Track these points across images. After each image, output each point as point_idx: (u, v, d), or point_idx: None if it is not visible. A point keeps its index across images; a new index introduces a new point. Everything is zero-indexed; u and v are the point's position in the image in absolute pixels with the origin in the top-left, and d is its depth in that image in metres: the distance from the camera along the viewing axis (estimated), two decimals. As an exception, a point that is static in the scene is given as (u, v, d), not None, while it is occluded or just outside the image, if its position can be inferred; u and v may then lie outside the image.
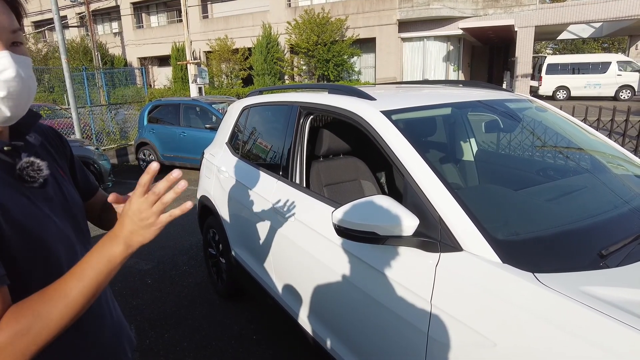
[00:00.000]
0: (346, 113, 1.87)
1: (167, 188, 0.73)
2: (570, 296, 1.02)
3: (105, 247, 0.73)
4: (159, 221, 0.74)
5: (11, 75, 0.72)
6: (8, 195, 0.73)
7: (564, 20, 17.00)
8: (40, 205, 0.80)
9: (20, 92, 0.74)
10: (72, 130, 8.25)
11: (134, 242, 0.74)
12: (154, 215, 0.73)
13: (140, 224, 0.73)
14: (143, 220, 0.73)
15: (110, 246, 0.73)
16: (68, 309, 0.68)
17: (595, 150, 2.10)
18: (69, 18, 25.91)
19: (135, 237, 0.74)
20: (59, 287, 0.69)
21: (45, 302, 0.67)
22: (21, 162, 0.78)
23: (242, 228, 2.64)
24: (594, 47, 39.63)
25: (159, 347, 2.66)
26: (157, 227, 0.74)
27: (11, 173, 0.77)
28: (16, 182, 0.77)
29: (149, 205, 0.73)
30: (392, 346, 1.44)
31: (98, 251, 0.73)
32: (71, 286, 0.69)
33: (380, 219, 1.33)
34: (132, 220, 0.73)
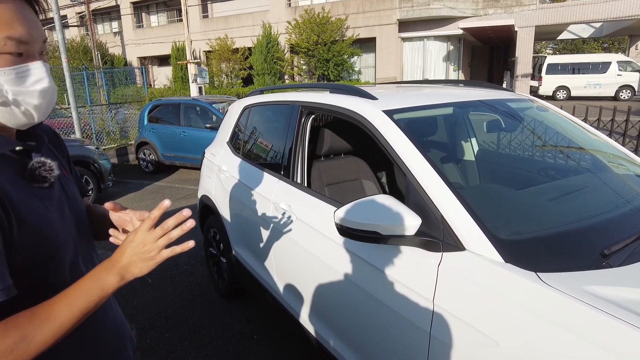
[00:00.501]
0: (348, 112, 1.87)
1: (175, 225, 0.75)
2: (573, 295, 1.02)
3: (101, 275, 0.74)
4: (159, 256, 0.76)
5: (46, 85, 0.75)
6: (20, 196, 0.73)
7: (564, 20, 17.01)
8: (49, 206, 0.80)
9: (50, 99, 0.78)
10: (72, 130, 8.25)
11: (129, 274, 0.76)
12: (157, 249, 0.75)
13: (141, 256, 0.75)
14: (144, 253, 0.75)
15: (106, 275, 0.74)
16: (53, 332, 0.69)
17: (596, 149, 2.10)
18: (69, 17, 25.91)
19: (131, 269, 0.75)
20: (48, 309, 0.69)
21: (32, 324, 0.67)
22: (33, 162, 0.78)
23: (243, 227, 2.63)
24: (594, 47, 39.64)
25: (159, 347, 2.66)
26: (156, 261, 0.76)
27: (21, 173, 0.77)
28: (25, 182, 0.77)
29: (154, 238, 0.75)
30: (394, 345, 1.44)
31: (93, 278, 0.74)
32: (60, 311, 0.70)
33: (382, 218, 1.33)
34: (134, 252, 0.75)
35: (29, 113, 0.75)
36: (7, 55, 0.70)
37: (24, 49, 0.72)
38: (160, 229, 0.75)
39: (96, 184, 5.81)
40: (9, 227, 0.69)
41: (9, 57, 0.70)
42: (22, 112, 0.74)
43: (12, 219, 0.69)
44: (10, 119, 0.74)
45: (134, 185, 7.20)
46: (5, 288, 0.66)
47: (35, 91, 0.74)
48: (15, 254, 0.70)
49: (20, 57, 0.72)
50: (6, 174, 0.73)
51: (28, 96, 0.73)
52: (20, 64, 0.72)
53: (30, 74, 0.73)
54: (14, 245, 0.70)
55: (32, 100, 0.74)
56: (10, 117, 0.74)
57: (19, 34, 0.70)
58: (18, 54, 0.71)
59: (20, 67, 0.72)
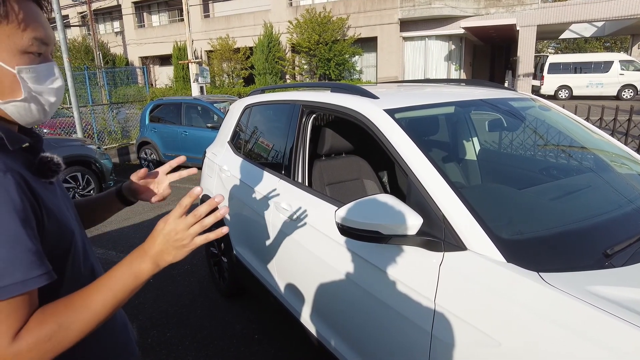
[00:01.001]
0: (349, 112, 1.86)
1: (207, 211, 0.77)
2: (576, 295, 1.01)
3: (133, 263, 0.75)
4: (192, 243, 0.76)
5: (60, 84, 0.80)
6: (40, 189, 0.75)
7: (566, 20, 16.96)
8: (59, 200, 0.82)
9: (61, 98, 0.82)
10: (73, 129, 8.26)
11: (163, 261, 0.77)
12: (190, 237, 0.76)
13: (174, 244, 0.76)
14: (178, 241, 0.76)
15: (139, 263, 0.75)
16: (90, 320, 0.70)
17: (599, 149, 2.09)
18: (71, 17, 25.94)
19: (165, 256, 0.76)
20: (84, 297, 0.71)
21: (69, 311, 0.69)
22: (41, 157, 0.81)
23: (244, 227, 2.63)
24: (596, 46, 39.54)
25: (161, 346, 2.66)
26: (189, 248, 0.77)
27: (30, 168, 0.78)
28: (35, 177, 0.78)
29: (186, 226, 0.76)
30: (395, 345, 1.44)
31: (126, 266, 0.75)
32: (96, 298, 0.71)
33: (383, 218, 1.32)
34: (166, 239, 0.76)
35: (44, 110, 0.78)
36: (31, 55, 0.74)
37: (44, 49, 0.76)
38: (192, 216, 0.76)
39: (97, 183, 5.82)
40: (41, 217, 0.71)
41: (32, 57, 0.74)
42: (38, 109, 0.77)
43: (42, 209, 0.72)
44: (25, 115, 0.76)
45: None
46: (48, 272, 0.68)
47: (53, 89, 0.78)
48: (46, 243, 0.72)
49: (39, 57, 0.76)
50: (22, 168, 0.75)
51: (46, 94, 0.77)
52: (38, 63, 0.75)
53: (48, 74, 0.77)
54: (45, 236, 0.72)
55: (50, 98, 0.78)
56: (26, 114, 0.76)
57: (43, 35, 0.74)
58: (38, 54, 0.75)
59: (41, 66, 0.76)
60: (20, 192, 0.67)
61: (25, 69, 0.72)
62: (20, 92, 0.73)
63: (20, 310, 0.65)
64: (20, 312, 0.65)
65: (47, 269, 0.68)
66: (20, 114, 0.76)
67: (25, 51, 0.72)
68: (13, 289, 0.63)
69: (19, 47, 0.71)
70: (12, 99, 0.73)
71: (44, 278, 0.67)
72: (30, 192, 0.70)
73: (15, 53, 0.71)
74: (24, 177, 0.70)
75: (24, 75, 0.73)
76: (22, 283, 0.64)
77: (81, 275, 0.85)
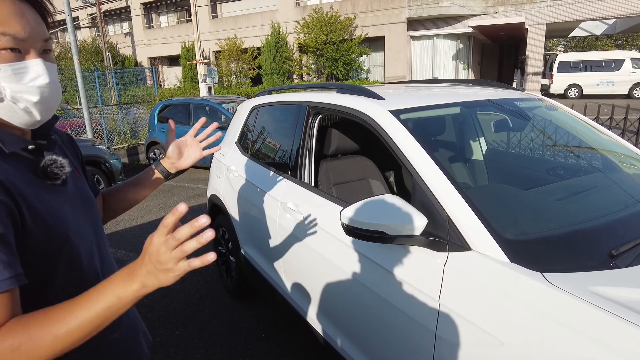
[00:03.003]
0: (355, 113, 1.87)
1: (189, 235, 0.65)
2: (579, 296, 1.02)
3: (119, 283, 0.69)
4: (177, 268, 0.66)
5: (45, 81, 0.76)
6: (32, 191, 0.75)
7: (575, 17, 16.77)
8: (61, 202, 0.82)
9: (50, 97, 0.79)
10: (83, 130, 8.37)
11: (150, 284, 0.68)
12: (172, 261, 0.66)
13: (158, 266, 0.67)
14: (161, 264, 0.66)
15: (125, 284, 0.68)
16: (64, 336, 0.66)
17: (606, 149, 2.08)
18: (81, 19, 26.22)
19: (151, 279, 0.68)
20: (63, 311, 0.67)
21: (43, 324, 0.65)
22: (45, 160, 0.81)
23: (251, 227, 2.66)
24: (607, 44, 39.01)
25: (169, 344, 2.70)
26: (175, 274, 0.67)
27: (34, 171, 0.79)
28: (39, 179, 0.80)
29: (168, 249, 0.66)
30: (400, 345, 1.45)
31: (111, 287, 0.69)
32: (75, 315, 0.66)
33: (388, 218, 1.33)
34: (151, 261, 0.67)
35: (29, 111, 0.76)
36: (3, 52, 0.71)
37: (20, 45, 0.73)
38: (172, 238, 0.65)
39: (107, 183, 5.90)
40: (20, 220, 0.71)
41: (5, 54, 0.72)
42: (22, 109, 0.75)
43: (24, 212, 0.71)
44: (12, 116, 0.75)
45: (144, 184, 7.27)
46: (15, 275, 0.66)
47: (34, 87, 0.75)
48: (28, 245, 0.72)
49: (18, 54, 0.73)
50: (19, 170, 0.76)
51: (26, 93, 0.74)
52: (17, 61, 0.73)
53: (28, 71, 0.74)
54: (28, 237, 0.72)
55: (31, 97, 0.75)
56: (12, 114, 0.75)
57: (14, 30, 0.72)
58: (16, 50, 0.73)
59: (17, 64, 0.73)
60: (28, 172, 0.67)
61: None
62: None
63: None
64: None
65: (13, 273, 0.65)
66: (6, 115, 0.75)
67: None
68: None
69: None
70: None
71: (8, 283, 0.65)
72: (10, 195, 0.69)
73: None
74: (3, 180, 0.69)
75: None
76: None
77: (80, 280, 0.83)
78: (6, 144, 0.74)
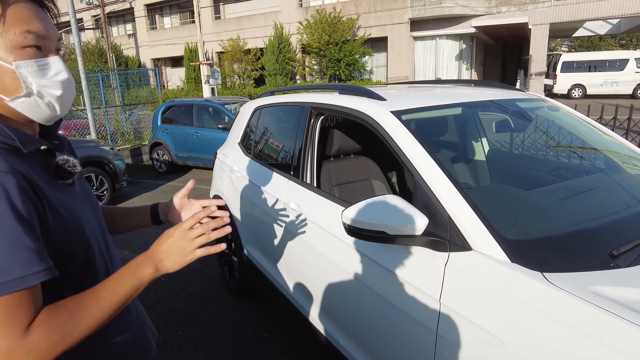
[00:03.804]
0: (356, 113, 1.88)
1: (216, 226, 0.86)
2: (579, 296, 1.02)
3: (138, 266, 0.81)
4: (194, 254, 0.83)
5: (65, 77, 0.81)
6: (50, 190, 0.77)
7: (579, 17, 16.70)
8: (74, 202, 0.85)
9: (70, 92, 0.83)
10: (87, 131, 8.41)
11: (163, 267, 0.82)
12: (193, 247, 0.83)
13: (177, 250, 0.83)
14: (182, 249, 0.83)
15: (143, 267, 0.81)
16: (98, 315, 0.74)
17: (608, 149, 2.08)
18: (85, 21, 26.35)
19: (166, 262, 0.82)
20: (92, 294, 0.75)
21: (78, 306, 0.73)
22: (57, 159, 0.83)
23: (253, 227, 2.67)
24: (611, 44, 38.83)
25: (172, 344, 2.71)
26: (189, 258, 0.84)
27: (47, 171, 0.81)
28: (52, 179, 0.82)
29: (193, 236, 0.83)
30: (401, 344, 1.46)
31: (131, 269, 0.80)
32: (103, 296, 0.76)
33: (389, 218, 1.34)
34: (172, 245, 0.83)
35: (52, 105, 0.79)
36: (27, 49, 0.75)
37: (42, 43, 0.77)
38: (202, 227, 0.83)
39: (111, 184, 5.93)
40: (45, 217, 0.74)
41: (30, 51, 0.75)
42: (46, 104, 0.78)
43: (46, 210, 0.74)
44: (34, 111, 0.78)
45: (147, 185, 7.31)
46: (48, 268, 0.70)
47: (57, 82, 0.79)
48: (51, 244, 0.74)
49: (40, 52, 0.77)
50: (36, 170, 0.78)
51: (50, 87, 0.78)
52: (40, 58, 0.77)
53: (50, 67, 0.78)
54: (51, 235, 0.74)
55: (55, 92, 0.79)
56: (35, 109, 0.78)
57: (37, 28, 0.76)
58: (37, 47, 0.76)
59: (42, 60, 0.77)
60: (20, 192, 0.69)
61: (23, 63, 0.74)
62: (22, 88, 0.75)
63: (28, 304, 0.68)
64: (28, 306, 0.68)
65: (46, 266, 0.70)
66: (30, 110, 0.77)
67: (21, 46, 0.74)
68: (13, 284, 0.65)
69: (13, 43, 0.73)
70: (16, 95, 0.75)
71: (44, 274, 0.69)
72: (36, 193, 0.72)
73: (11, 49, 0.73)
74: (28, 178, 0.72)
75: (23, 70, 0.74)
76: (22, 279, 0.66)
77: (96, 273, 0.87)
78: (25, 144, 0.76)
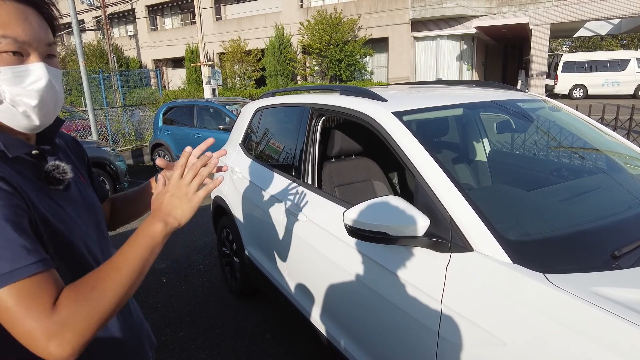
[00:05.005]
0: (357, 114, 1.89)
1: (203, 164, 0.84)
2: (580, 296, 1.02)
3: (146, 228, 0.79)
4: (196, 196, 0.82)
5: (43, 85, 0.75)
6: (37, 195, 0.76)
7: (580, 17, 16.68)
8: (66, 208, 0.83)
9: (50, 101, 0.78)
10: (89, 132, 8.43)
11: (173, 219, 0.81)
12: (192, 190, 0.82)
13: (181, 199, 0.82)
14: (184, 196, 0.82)
15: (151, 225, 0.80)
16: (121, 282, 0.73)
17: (610, 150, 2.08)
18: (86, 22, 26.40)
19: (174, 213, 0.81)
20: (109, 265, 0.74)
21: (99, 278, 0.72)
22: (47, 165, 0.82)
23: (255, 228, 2.67)
24: (613, 44, 38.77)
25: (174, 345, 2.71)
26: (194, 202, 0.82)
27: (38, 175, 0.80)
28: (43, 184, 0.80)
29: (187, 182, 0.83)
30: (403, 345, 1.46)
31: (140, 231, 0.79)
32: (120, 262, 0.74)
33: (391, 219, 1.34)
34: (172, 198, 0.82)
35: (29, 115, 0.75)
36: (4, 55, 0.71)
37: (21, 48, 0.72)
38: (190, 170, 0.83)
39: (112, 184, 5.93)
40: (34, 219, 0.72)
41: (7, 57, 0.71)
42: (22, 113, 0.74)
43: (33, 215, 0.72)
44: (12, 119, 0.75)
45: (149, 186, 7.30)
46: (43, 259, 0.68)
47: (33, 91, 0.74)
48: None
49: (19, 58, 0.73)
50: (25, 175, 0.76)
51: (26, 96, 0.73)
52: (18, 64, 0.73)
53: (29, 75, 0.74)
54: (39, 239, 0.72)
55: (30, 101, 0.74)
56: (13, 118, 0.75)
57: (15, 33, 0.71)
58: (17, 54, 0.72)
59: (18, 67, 0.73)
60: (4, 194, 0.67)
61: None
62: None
63: (48, 285, 0.66)
64: (48, 287, 0.66)
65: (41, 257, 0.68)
66: (7, 118, 0.74)
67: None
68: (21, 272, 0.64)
69: None
70: None
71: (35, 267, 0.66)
72: (22, 197, 0.70)
73: None
74: (11, 182, 0.70)
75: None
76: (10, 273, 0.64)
77: None
78: (9, 148, 0.74)
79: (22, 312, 0.63)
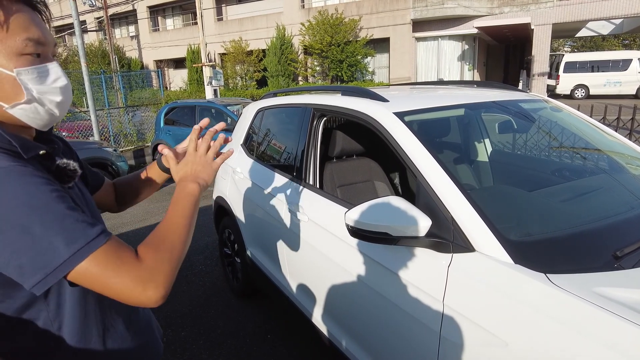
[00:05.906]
0: (359, 115, 1.89)
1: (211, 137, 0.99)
2: (582, 297, 1.02)
3: (182, 190, 0.90)
4: (215, 163, 0.98)
5: (64, 82, 0.82)
6: None
7: (582, 17, 16.66)
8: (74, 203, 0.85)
9: (68, 97, 0.84)
10: (90, 132, 8.46)
11: (202, 180, 0.94)
12: (209, 159, 0.97)
13: (203, 166, 0.96)
14: (202, 164, 0.96)
15: (186, 187, 0.91)
16: (182, 232, 0.83)
17: (611, 150, 2.07)
18: (88, 23, 26.46)
19: (202, 176, 0.94)
20: (165, 224, 0.83)
21: (162, 234, 0.81)
22: (58, 163, 0.84)
23: (256, 228, 2.67)
24: (614, 44, 38.68)
25: (175, 345, 2.72)
26: (215, 167, 0.98)
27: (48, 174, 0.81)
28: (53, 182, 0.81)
29: (203, 152, 0.97)
30: (405, 346, 1.46)
31: (179, 195, 0.89)
32: (176, 219, 0.84)
33: (392, 219, 1.34)
34: (194, 164, 0.96)
35: (52, 111, 0.80)
36: (27, 56, 0.75)
37: (41, 50, 0.78)
38: (203, 142, 0.97)
39: (114, 185, 5.94)
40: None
41: (29, 58, 0.76)
42: (46, 110, 0.79)
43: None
44: (33, 117, 0.78)
45: (150, 186, 7.32)
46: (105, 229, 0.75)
47: (57, 88, 0.80)
48: None
49: (38, 59, 0.77)
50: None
51: (50, 94, 0.79)
52: (39, 64, 0.77)
53: (49, 73, 0.79)
54: None
55: (55, 98, 0.80)
56: (34, 116, 0.78)
57: (37, 35, 0.76)
58: (36, 55, 0.77)
59: (41, 67, 0.77)
60: (48, 181, 0.73)
61: (24, 70, 0.75)
62: (22, 94, 0.75)
63: (122, 245, 0.75)
64: (123, 246, 0.75)
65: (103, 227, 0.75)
66: (29, 116, 0.78)
67: (21, 53, 0.74)
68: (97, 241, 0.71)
69: (14, 50, 0.73)
70: (16, 102, 0.75)
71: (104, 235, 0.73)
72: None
73: (11, 56, 0.73)
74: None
75: (24, 77, 0.75)
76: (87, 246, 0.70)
77: None
78: (26, 150, 0.77)
79: (112, 273, 0.71)
